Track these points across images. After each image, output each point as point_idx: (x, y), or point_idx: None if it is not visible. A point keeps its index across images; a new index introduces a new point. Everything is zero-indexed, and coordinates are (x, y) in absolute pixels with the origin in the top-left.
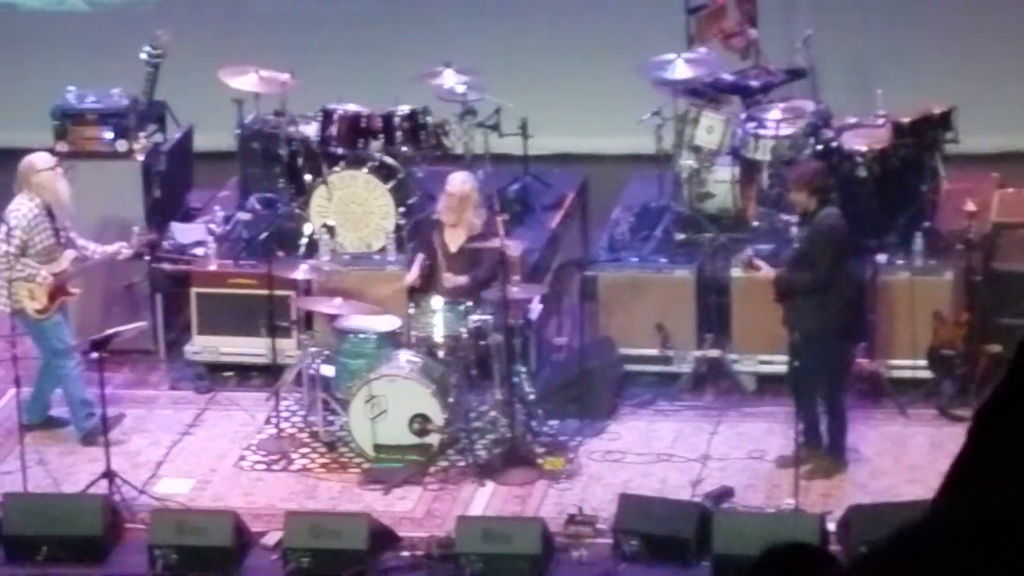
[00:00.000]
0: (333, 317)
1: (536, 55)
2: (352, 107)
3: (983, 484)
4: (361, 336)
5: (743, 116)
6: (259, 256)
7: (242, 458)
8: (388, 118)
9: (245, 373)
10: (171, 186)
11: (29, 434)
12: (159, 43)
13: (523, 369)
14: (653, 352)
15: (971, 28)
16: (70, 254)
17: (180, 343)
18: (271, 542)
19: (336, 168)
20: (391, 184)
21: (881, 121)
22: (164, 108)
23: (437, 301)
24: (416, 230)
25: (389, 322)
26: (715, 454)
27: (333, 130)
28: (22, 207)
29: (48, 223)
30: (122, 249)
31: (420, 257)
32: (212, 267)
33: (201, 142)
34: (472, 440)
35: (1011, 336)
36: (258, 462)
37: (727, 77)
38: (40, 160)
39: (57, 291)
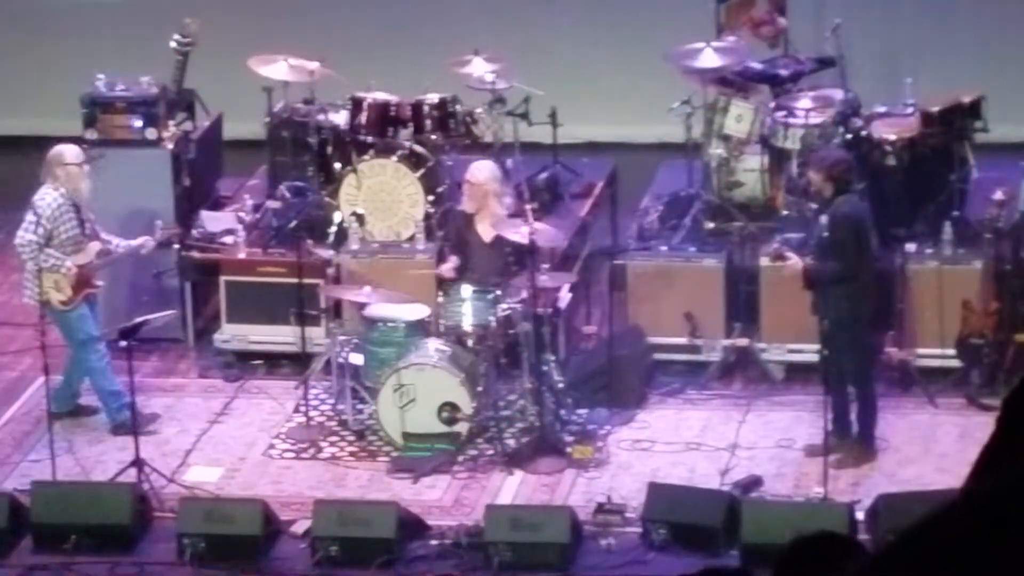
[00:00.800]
0: (362, 305)
1: (565, 43)
2: (381, 95)
3: (1012, 472)
4: (390, 324)
5: (772, 105)
6: (288, 244)
7: (271, 446)
8: (417, 106)
9: (274, 361)
10: (200, 174)
11: (58, 422)
12: (188, 31)
13: (552, 358)
14: (682, 341)
15: (1000, 17)
16: (95, 246)
17: (209, 331)
18: (300, 530)
19: (365, 156)
20: (420, 172)
21: (910, 110)
22: (193, 96)
23: (466, 289)
24: (444, 220)
25: (418, 311)
26: (743, 443)
27: (362, 118)
28: (47, 197)
29: (73, 213)
30: (146, 242)
31: (454, 259)
32: (241, 255)
33: (230, 130)
34: (501, 429)
35: None
36: (287, 450)
37: (756, 66)
38: (69, 153)
39: (82, 282)
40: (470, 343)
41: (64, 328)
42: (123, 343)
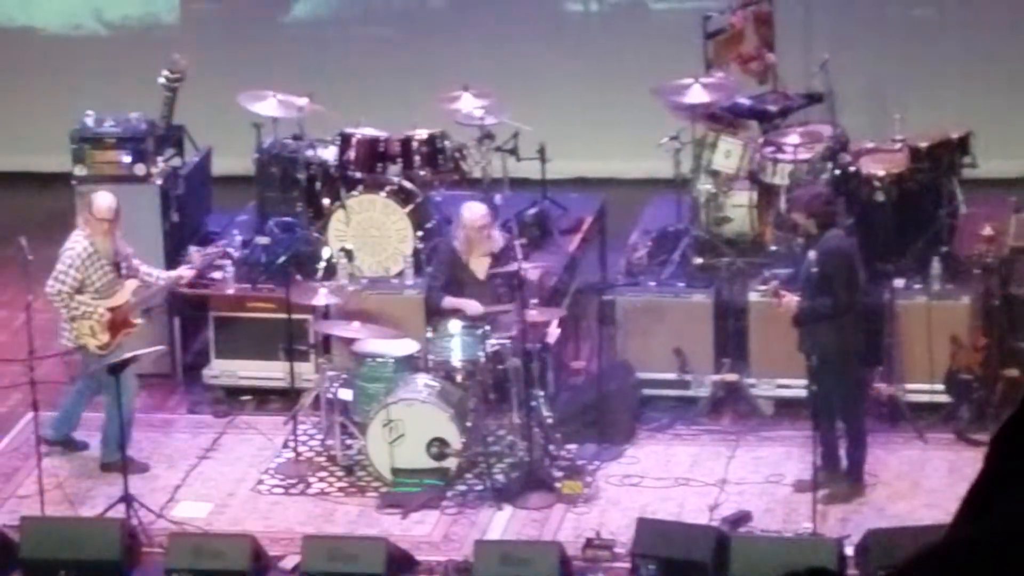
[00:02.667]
0: (351, 341)
1: (554, 79)
2: (370, 131)
3: (1001, 509)
4: (379, 360)
5: (761, 140)
6: (277, 280)
7: (260, 482)
8: (406, 142)
9: (263, 397)
10: (189, 210)
11: (47, 458)
12: (177, 67)
13: (541, 393)
14: (671, 376)
15: (988, 53)
16: (131, 284)
17: (198, 367)
18: (289, 566)
19: (354, 192)
20: (409, 208)
21: (899, 146)
22: (182, 132)
23: (455, 325)
24: (432, 256)
25: (407, 346)
26: (733, 478)
27: (351, 154)
28: (76, 246)
29: (105, 259)
30: (183, 272)
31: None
32: (230, 291)
33: (219, 166)
34: (490, 464)
35: None
36: (276, 486)
37: (745, 101)
38: (104, 208)
39: (118, 324)
40: (459, 378)
41: (94, 372)
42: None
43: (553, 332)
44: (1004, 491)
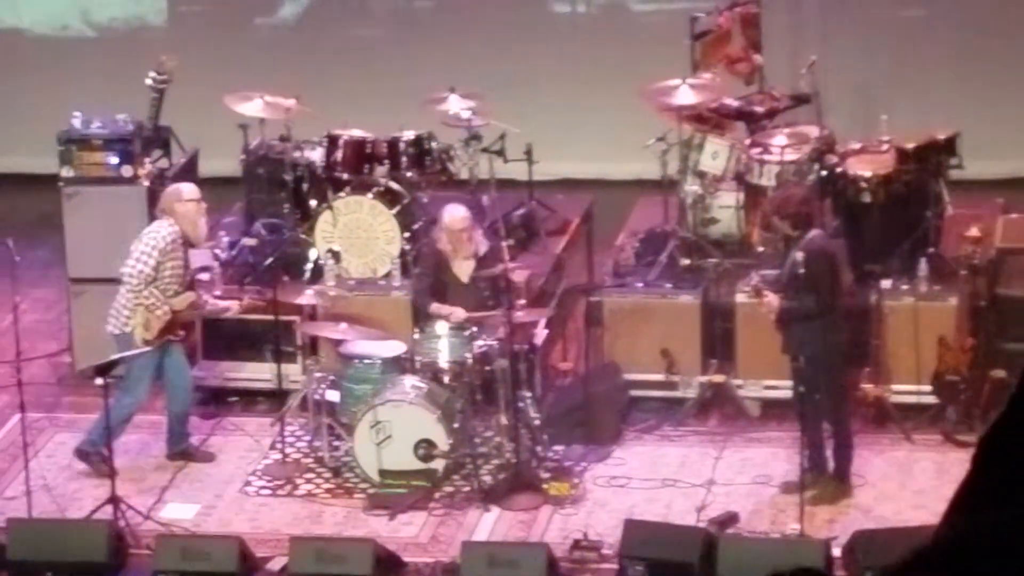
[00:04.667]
0: (338, 342)
1: (541, 80)
2: (357, 132)
3: (987, 510)
4: (366, 361)
5: (748, 142)
6: (264, 281)
7: (247, 483)
8: (393, 143)
9: (250, 398)
10: None
11: (34, 459)
12: (164, 68)
13: (528, 394)
14: (658, 377)
15: (975, 54)
16: (191, 296)
17: None
18: (276, 567)
19: (341, 193)
20: (396, 209)
21: (885, 147)
22: (169, 133)
23: (442, 327)
24: (418, 258)
25: (394, 347)
26: (720, 479)
27: (338, 155)
28: (162, 230)
29: (182, 253)
30: (231, 306)
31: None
32: (217, 292)
33: (206, 167)
34: (477, 465)
35: (1016, 362)
36: (263, 487)
37: (732, 103)
38: (187, 190)
39: (169, 327)
40: (446, 380)
41: (131, 361)
42: (99, 381)
43: (540, 333)
44: (992, 492)
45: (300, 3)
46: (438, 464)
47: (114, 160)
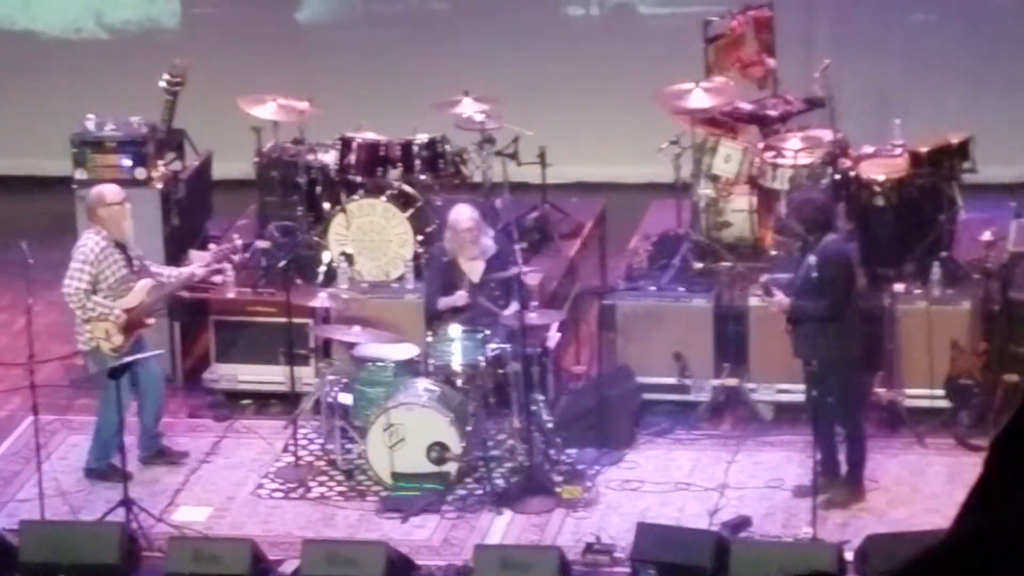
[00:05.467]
0: (351, 345)
1: (555, 83)
2: (371, 135)
3: (999, 511)
4: (379, 364)
5: (761, 145)
6: (278, 284)
7: (260, 486)
8: (407, 146)
9: (263, 401)
10: (190, 214)
11: (46, 462)
12: (178, 71)
13: (541, 398)
14: (671, 381)
15: (988, 58)
16: (146, 284)
17: (198, 371)
18: (288, 570)
19: (354, 196)
20: (409, 212)
21: (899, 151)
22: (183, 136)
23: (455, 329)
24: (429, 261)
25: (407, 350)
26: (733, 483)
27: (352, 158)
28: (88, 242)
29: (119, 254)
30: (196, 269)
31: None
32: (231, 295)
33: (220, 170)
34: (490, 468)
35: None
36: (276, 490)
37: (745, 106)
38: (109, 193)
39: (133, 325)
40: (459, 383)
41: (99, 374)
42: (112, 383)
43: (553, 336)
44: (1004, 494)
45: (316, 6)
46: (451, 467)
47: (127, 163)
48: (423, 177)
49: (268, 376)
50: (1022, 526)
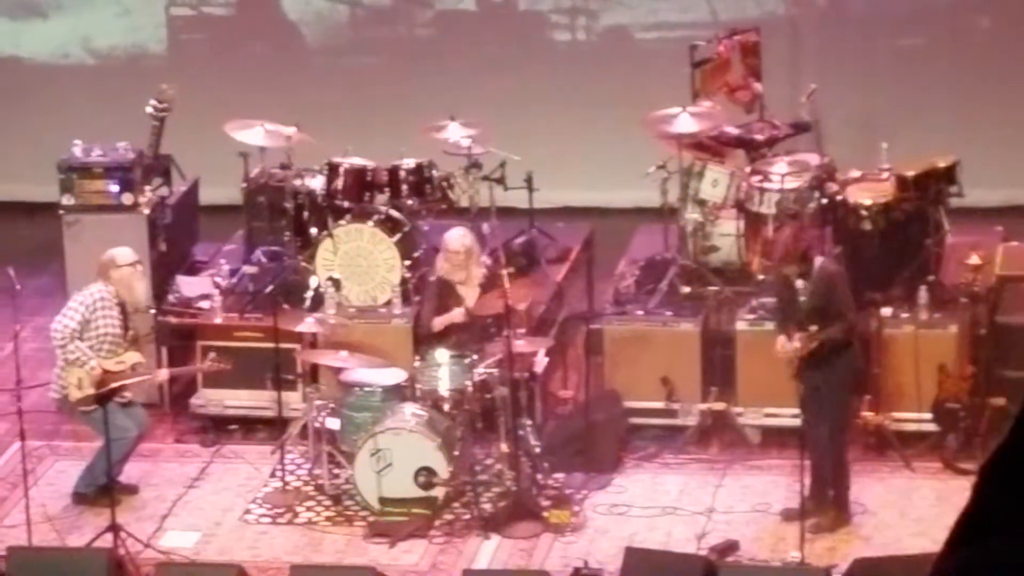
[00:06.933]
0: (339, 370)
1: (541, 108)
2: (358, 160)
3: (988, 539)
4: (367, 389)
5: (748, 170)
6: (265, 309)
7: (247, 511)
8: (394, 171)
9: (250, 426)
10: (177, 239)
11: (34, 487)
12: (165, 97)
13: (528, 422)
14: (658, 405)
15: (975, 82)
16: (134, 357)
17: (185, 396)
18: None
19: (342, 221)
20: (397, 237)
21: (885, 175)
22: (170, 161)
23: (442, 354)
24: (421, 285)
25: (394, 375)
26: (720, 507)
27: (339, 183)
28: (92, 288)
29: (116, 312)
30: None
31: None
32: (217, 320)
33: (207, 195)
34: (477, 493)
35: (1016, 389)
36: (263, 515)
37: (732, 130)
38: (121, 256)
39: (104, 385)
40: (447, 407)
41: (86, 423)
42: (98, 408)
43: (541, 361)
44: (992, 521)
45: (303, 32)
46: (438, 492)
47: (114, 188)
48: (410, 202)
49: (255, 401)
50: (1011, 554)
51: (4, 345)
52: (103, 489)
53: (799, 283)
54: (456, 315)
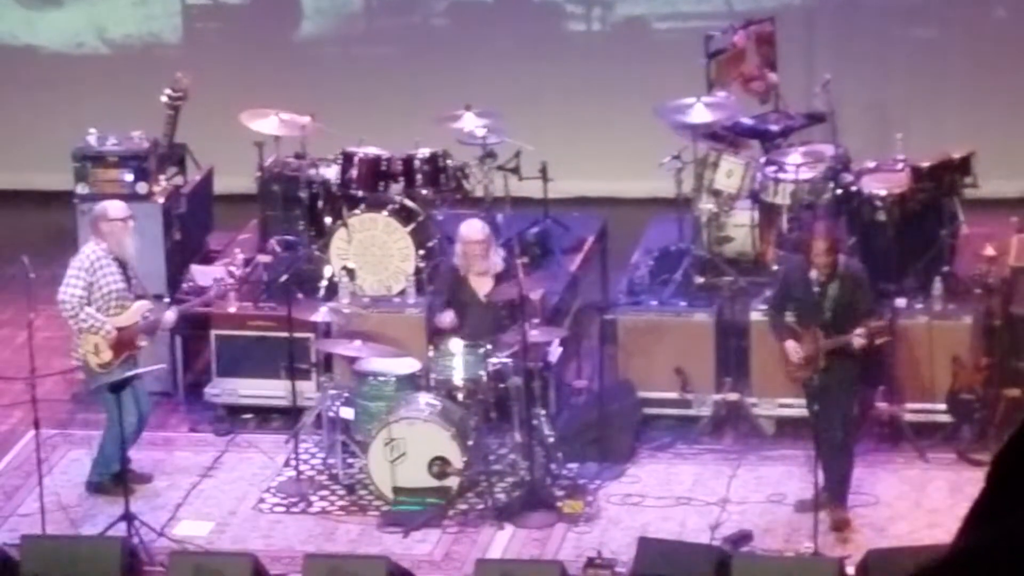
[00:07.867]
0: (353, 359)
1: (556, 98)
2: (372, 150)
3: (1002, 528)
4: (381, 379)
5: (762, 160)
6: (279, 298)
7: (261, 500)
8: (408, 161)
9: (264, 415)
10: (191, 228)
11: (48, 476)
12: (179, 85)
13: (542, 412)
14: (672, 395)
15: (989, 73)
16: (142, 305)
17: (200, 385)
18: None
19: (356, 211)
20: (411, 227)
21: (900, 165)
22: (184, 150)
23: (456, 344)
24: (434, 275)
25: (409, 365)
26: (734, 497)
27: (353, 173)
28: (84, 251)
29: (116, 268)
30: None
31: (451, 312)
32: (232, 309)
33: (221, 184)
34: (491, 483)
35: None
36: (277, 504)
37: (747, 121)
38: (112, 209)
39: (123, 344)
40: (461, 397)
41: (98, 391)
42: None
43: (555, 351)
44: (1005, 510)
45: (318, 22)
46: (452, 481)
47: (129, 177)
48: (425, 192)
49: (269, 390)
50: (1022, 539)
51: (19, 333)
52: (117, 477)
53: (812, 274)
54: (444, 319)
